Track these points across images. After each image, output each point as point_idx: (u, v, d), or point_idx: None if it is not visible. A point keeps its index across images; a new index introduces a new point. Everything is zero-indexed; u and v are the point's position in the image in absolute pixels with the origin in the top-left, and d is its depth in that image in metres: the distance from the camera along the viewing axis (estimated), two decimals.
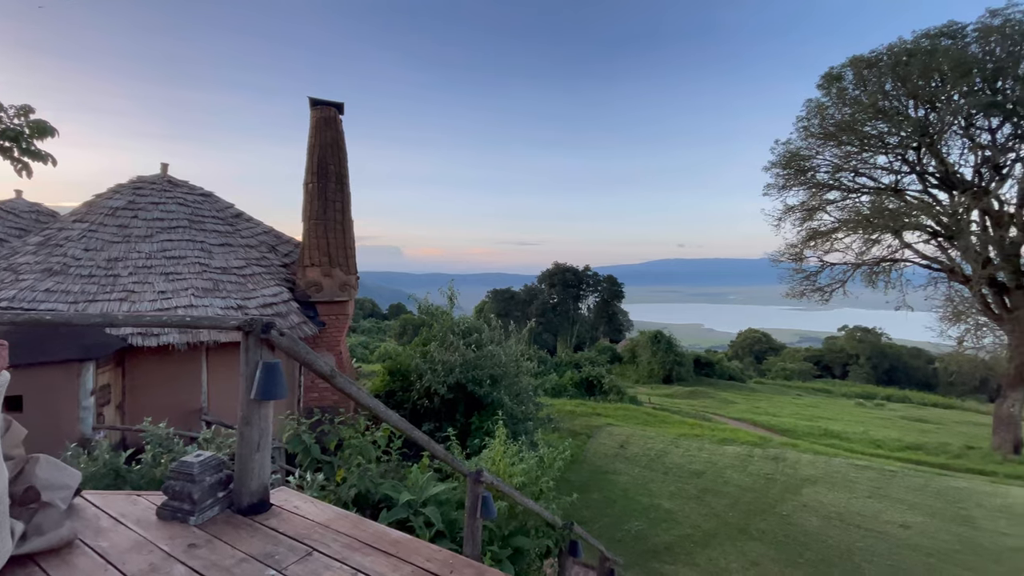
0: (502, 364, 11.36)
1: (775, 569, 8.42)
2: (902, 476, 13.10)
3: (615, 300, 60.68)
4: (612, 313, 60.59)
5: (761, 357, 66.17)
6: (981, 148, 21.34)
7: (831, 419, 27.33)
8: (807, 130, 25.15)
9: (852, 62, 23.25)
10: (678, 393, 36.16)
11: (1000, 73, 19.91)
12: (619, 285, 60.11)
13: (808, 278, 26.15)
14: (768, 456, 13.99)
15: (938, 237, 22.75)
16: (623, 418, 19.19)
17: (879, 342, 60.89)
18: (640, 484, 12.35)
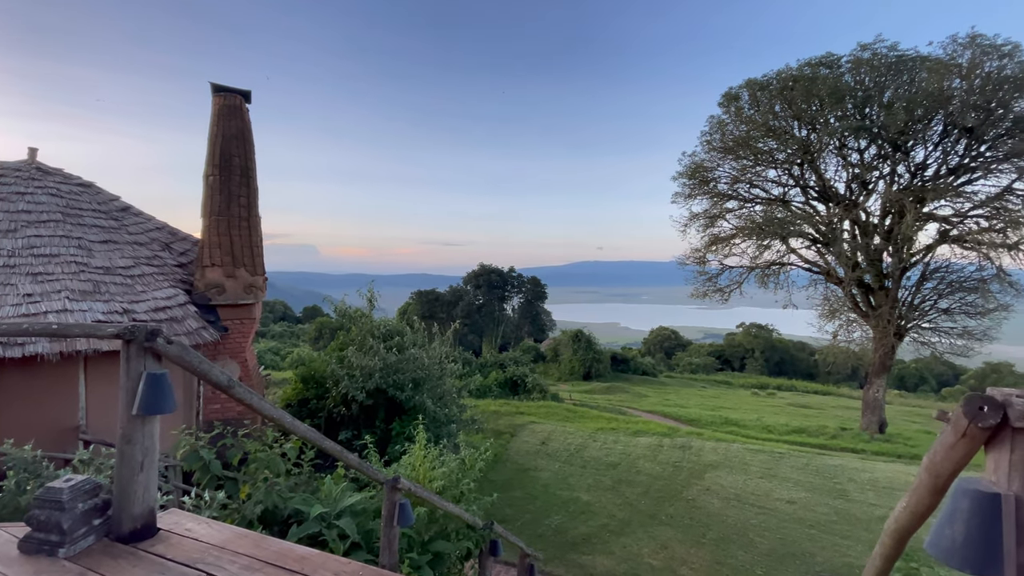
0: (425, 367, 11.19)
1: (682, 550, 9.07)
2: (789, 457, 14.65)
3: (539, 301, 62.07)
4: (536, 313, 61.90)
5: (671, 353, 70.85)
6: (851, 166, 24.48)
7: (731, 408, 29.92)
8: (709, 144, 27.40)
9: (747, 84, 25.66)
10: (597, 389, 37.75)
11: (868, 100, 22.95)
12: (542, 286, 61.58)
13: (710, 280, 28.48)
14: (676, 445, 15.04)
15: (817, 244, 25.76)
16: (545, 415, 19.67)
17: (771, 337, 67.58)
18: (560, 479, 12.73)
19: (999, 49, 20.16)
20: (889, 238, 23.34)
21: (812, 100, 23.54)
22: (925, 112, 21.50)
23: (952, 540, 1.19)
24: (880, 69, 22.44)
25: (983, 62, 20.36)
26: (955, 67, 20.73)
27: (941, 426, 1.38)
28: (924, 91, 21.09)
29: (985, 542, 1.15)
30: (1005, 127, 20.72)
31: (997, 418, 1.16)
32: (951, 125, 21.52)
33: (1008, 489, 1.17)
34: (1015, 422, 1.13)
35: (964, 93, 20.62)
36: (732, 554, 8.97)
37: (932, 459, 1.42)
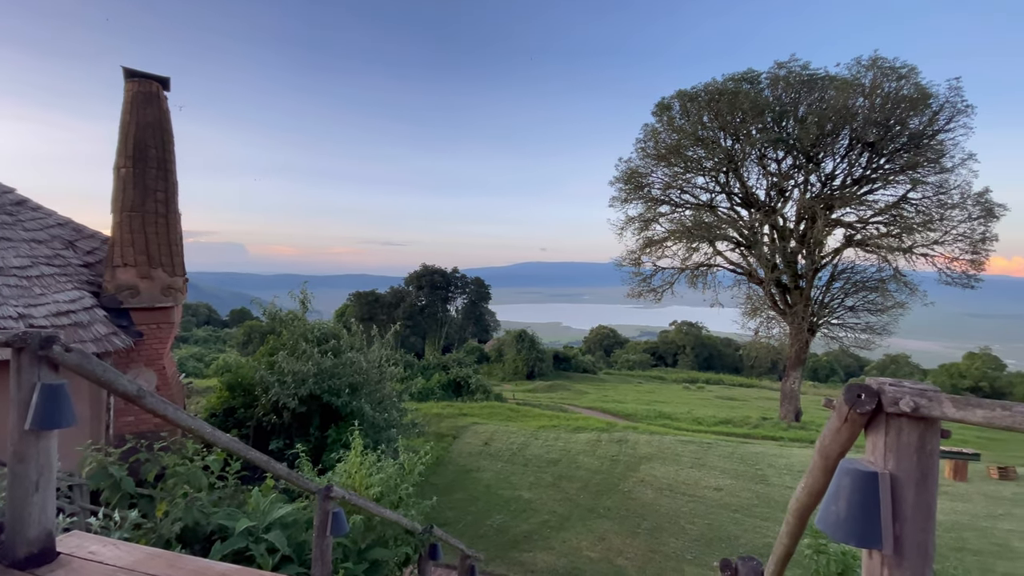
0: (363, 371, 10.87)
1: (619, 541, 9.41)
2: (716, 447, 15.59)
3: (483, 301, 62.06)
4: (480, 314, 61.86)
5: (610, 350, 73.25)
6: (770, 175, 26.45)
7: (664, 402, 31.39)
8: (644, 151, 28.63)
9: (679, 95, 27.05)
10: (539, 387, 38.33)
11: (784, 115, 24.88)
12: (486, 287, 61.62)
13: (645, 280, 29.78)
14: (614, 439, 15.58)
15: (740, 247, 27.61)
16: (488, 416, 19.71)
17: (700, 334, 71.57)
18: (503, 478, 12.81)
19: (897, 71, 22.53)
20: (803, 242, 25.45)
21: (736, 112, 25.21)
22: (833, 127, 23.63)
23: (837, 515, 1.33)
24: (795, 86, 24.42)
25: (883, 83, 22.68)
26: (859, 87, 22.95)
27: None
28: (832, 108, 23.18)
29: (865, 516, 1.30)
30: (901, 142, 23.21)
31: (872, 404, 1.30)
32: (855, 139, 23.80)
33: (884, 468, 1.32)
34: (888, 407, 1.28)
35: (867, 111, 22.87)
36: (665, 542, 9.42)
37: (822, 443, 1.57)
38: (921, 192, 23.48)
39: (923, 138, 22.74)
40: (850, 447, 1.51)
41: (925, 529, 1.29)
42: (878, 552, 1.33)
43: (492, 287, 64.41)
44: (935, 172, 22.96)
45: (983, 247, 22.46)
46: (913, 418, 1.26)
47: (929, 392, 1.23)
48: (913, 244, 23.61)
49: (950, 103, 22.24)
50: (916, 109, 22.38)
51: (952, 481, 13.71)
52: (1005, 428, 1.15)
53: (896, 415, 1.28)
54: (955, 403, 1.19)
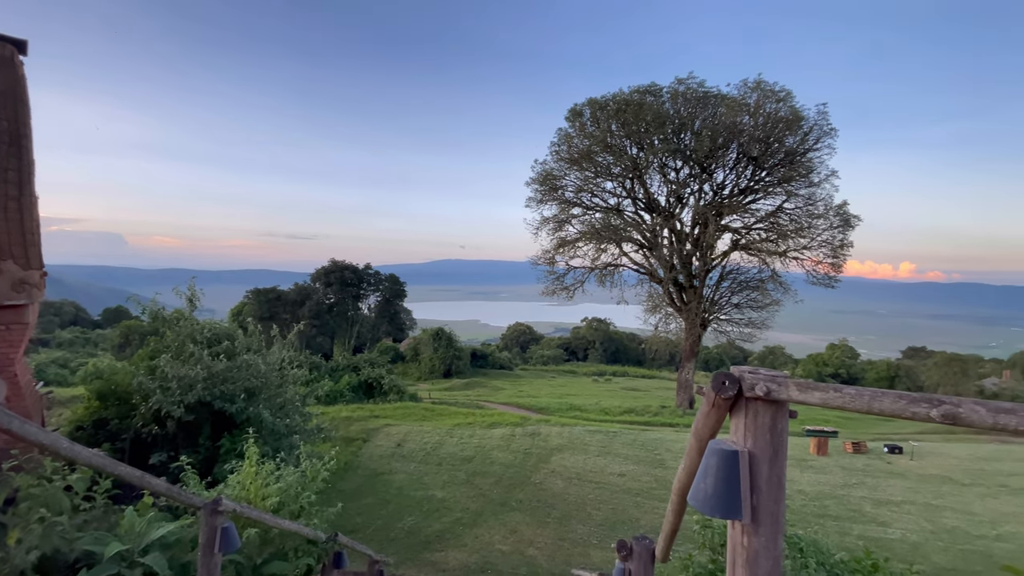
0: (261, 374, 10.11)
1: (529, 532, 9.67)
2: (621, 435, 16.57)
3: (398, 299, 60.36)
4: (395, 312, 60.11)
5: (526, 347, 74.92)
6: (670, 183, 28.55)
7: (575, 395, 32.76)
8: (558, 154, 29.61)
9: (589, 103, 28.29)
10: (456, 385, 38.18)
11: (683, 127, 26.96)
12: (401, 284, 60.00)
13: (558, 279, 30.87)
14: (527, 433, 15.97)
15: (643, 248, 29.54)
16: (402, 417, 19.27)
17: (608, 330, 75.58)
18: (415, 479, 12.60)
19: (776, 94, 25.34)
20: (697, 245, 27.83)
21: (641, 123, 26.91)
22: (724, 141, 26.08)
23: (705, 491, 1.48)
24: (692, 102, 26.60)
25: (765, 104, 25.40)
26: (745, 106, 25.52)
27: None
28: (723, 124, 25.57)
29: (728, 491, 1.46)
30: (779, 158, 26.16)
31: (734, 390, 1.47)
32: (742, 154, 26.45)
33: (744, 447, 1.49)
34: (747, 393, 1.45)
35: (751, 128, 25.50)
36: (573, 529, 9.84)
37: (696, 426, 1.74)
38: (794, 203, 26.72)
39: (796, 155, 25.85)
40: (719, 429, 1.68)
41: (777, 499, 1.48)
42: (739, 522, 1.50)
43: (408, 284, 62.92)
44: (805, 186, 26.23)
45: (842, 252, 26.07)
46: (766, 401, 1.44)
47: (778, 378, 1.42)
48: (787, 249, 26.79)
49: (818, 125, 25.51)
50: (791, 129, 25.38)
51: (816, 456, 15.75)
52: (837, 407, 1.36)
53: (753, 399, 1.45)
54: (798, 387, 1.38)
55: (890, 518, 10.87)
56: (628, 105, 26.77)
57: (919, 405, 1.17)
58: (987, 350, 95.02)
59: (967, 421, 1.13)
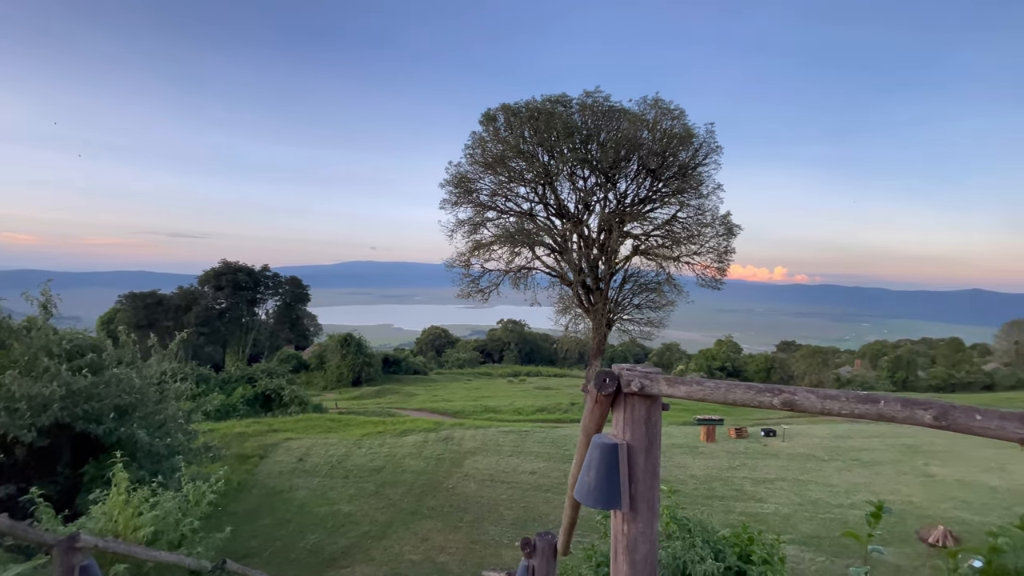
0: (136, 390, 8.97)
1: (441, 538, 9.55)
2: (533, 433, 16.95)
3: (300, 303, 56.70)
4: (297, 317, 56.39)
5: (441, 350, 74.04)
6: (579, 190, 29.81)
7: (490, 397, 32.99)
8: (472, 157, 29.68)
9: (503, 108, 28.72)
10: (367, 393, 36.71)
11: (590, 138, 28.27)
12: (304, 287, 56.41)
13: (473, 282, 30.91)
14: (440, 438, 15.77)
15: (555, 252, 30.54)
16: (304, 429, 18.12)
17: (523, 331, 77.16)
18: (319, 494, 11.91)
19: (672, 112, 27.47)
20: (603, 250, 29.34)
21: (552, 131, 27.81)
22: (626, 153, 27.77)
23: (588, 485, 1.56)
24: (598, 114, 28.02)
25: (662, 120, 27.43)
26: (645, 121, 27.38)
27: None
28: (625, 137, 27.23)
29: (609, 483, 1.55)
30: (674, 171, 28.36)
31: (614, 387, 1.56)
32: (642, 166, 28.34)
33: (623, 439, 1.59)
34: (625, 388, 1.55)
35: (650, 143, 27.41)
36: (485, 531, 9.88)
37: (584, 422, 1.83)
38: (686, 213, 29.13)
39: (688, 169, 28.22)
40: (603, 424, 1.78)
41: (652, 487, 1.59)
42: (619, 511, 1.60)
43: (314, 287, 59.45)
44: (696, 197, 28.74)
45: (726, 257, 28.89)
46: (641, 396, 1.55)
47: (651, 374, 1.53)
48: (680, 254, 29.16)
49: (707, 142, 28.06)
50: (684, 145, 27.68)
51: (705, 443, 17.27)
52: (699, 399, 1.49)
53: (630, 394, 1.55)
54: (668, 382, 1.50)
55: (766, 494, 12.22)
56: (540, 113, 27.55)
57: (764, 395, 1.33)
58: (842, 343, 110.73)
59: (801, 407, 1.30)
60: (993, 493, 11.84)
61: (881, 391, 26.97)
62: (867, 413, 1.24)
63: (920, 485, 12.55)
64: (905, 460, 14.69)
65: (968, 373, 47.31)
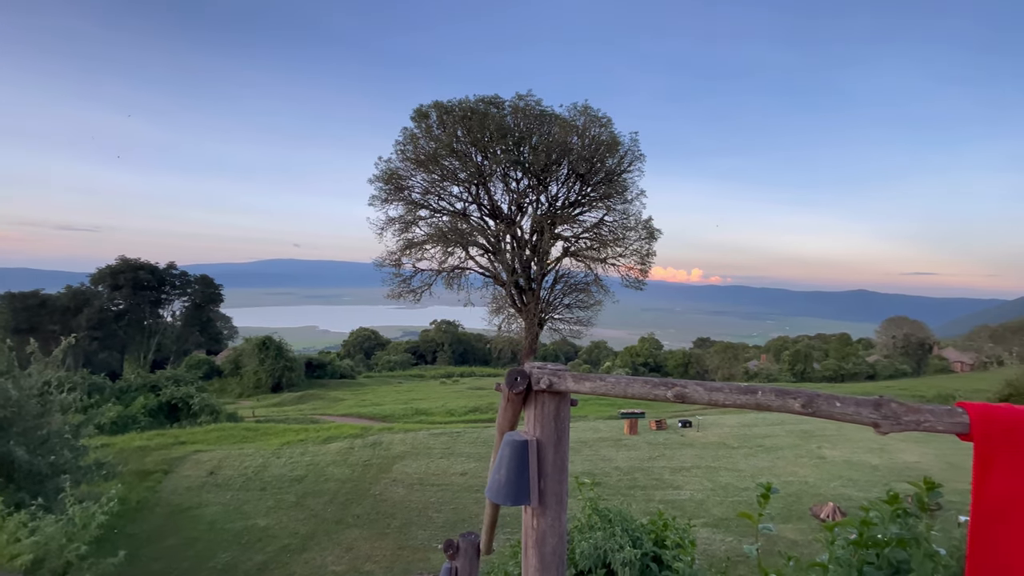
0: (12, 402, 7.92)
1: (367, 547, 9.25)
2: (465, 434, 16.88)
3: (212, 304, 52.51)
4: (208, 320, 52.16)
5: (370, 353, 71.69)
6: (512, 192, 30.12)
7: (422, 399, 32.43)
8: (403, 154, 29.04)
9: (436, 105, 28.37)
10: (288, 400, 34.77)
11: (522, 141, 28.63)
12: (216, 287, 52.29)
13: (405, 281, 30.26)
14: (367, 444, 15.27)
15: (488, 253, 30.65)
16: (216, 441, 16.83)
17: (457, 331, 76.61)
18: (233, 509, 11.11)
19: (600, 119, 28.48)
20: (535, 251, 29.87)
21: (485, 132, 27.89)
22: (557, 158, 28.44)
23: (499, 482, 1.58)
24: (530, 118, 28.48)
25: (590, 127, 28.38)
26: (574, 127, 28.20)
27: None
28: (556, 141, 27.89)
29: (519, 479, 1.58)
30: (601, 177, 29.45)
31: (524, 385, 1.59)
32: (572, 170, 29.16)
33: (533, 435, 1.63)
34: (535, 386, 1.59)
35: (579, 148, 28.27)
36: (413, 535, 9.70)
37: (498, 421, 1.85)
38: (612, 217, 30.40)
39: (615, 175, 29.44)
40: (516, 422, 1.81)
41: (560, 481, 1.65)
42: (529, 507, 1.64)
43: (229, 287, 55.36)
44: (621, 202, 30.05)
45: (648, 260, 30.45)
46: (550, 393, 1.60)
47: (559, 372, 1.58)
48: (607, 256, 30.36)
49: (631, 151, 29.41)
50: (611, 152, 28.83)
51: (629, 436, 18.09)
52: (602, 394, 1.56)
53: (540, 392, 1.59)
54: (574, 378, 1.56)
55: (683, 482, 13.02)
56: (474, 113, 27.52)
57: (659, 388, 1.42)
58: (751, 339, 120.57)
59: (692, 399, 1.40)
60: (875, 471, 13.41)
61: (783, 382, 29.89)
62: (747, 403, 1.35)
63: (814, 467, 13.94)
64: (802, 444, 16.25)
65: (855, 364, 53.26)
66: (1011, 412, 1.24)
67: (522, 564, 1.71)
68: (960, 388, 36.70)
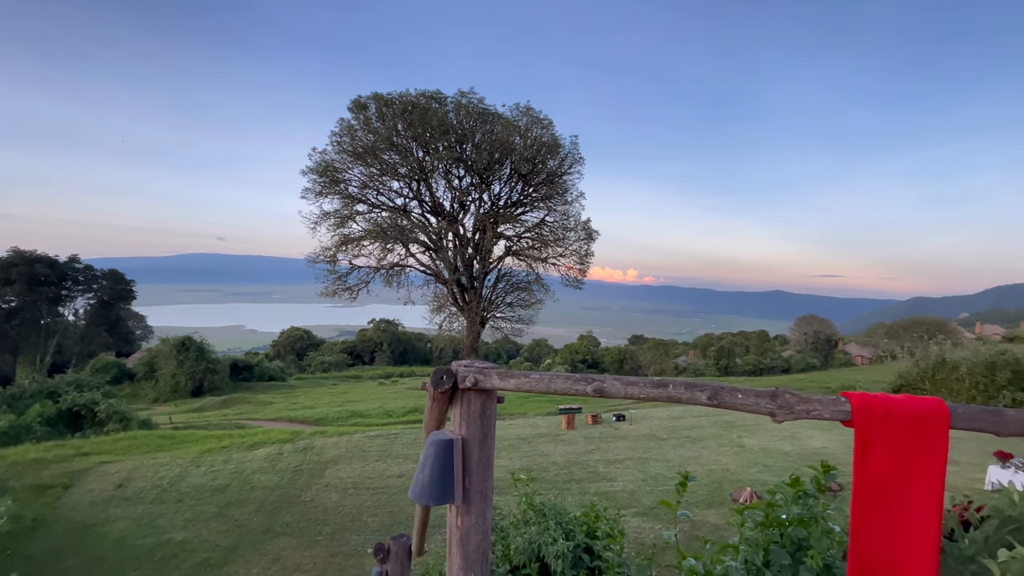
0: None
1: (296, 556, 8.83)
2: (403, 436, 16.54)
3: (122, 301, 48.04)
4: (117, 319, 47.69)
5: (303, 354, 68.54)
6: (454, 189, 29.85)
7: (358, 401, 31.44)
8: (340, 146, 27.95)
9: (375, 97, 27.55)
10: (210, 405, 32.49)
11: (465, 138, 28.42)
12: (127, 283, 47.84)
13: (340, 278, 29.16)
14: (298, 449, 14.58)
15: (429, 250, 30.21)
16: (126, 450, 15.42)
17: (397, 331, 74.94)
18: (145, 524, 10.23)
19: (541, 121, 28.82)
20: (477, 249, 29.80)
21: (427, 127, 27.43)
22: (500, 157, 28.51)
23: (422, 483, 1.55)
24: (473, 115, 28.33)
25: (533, 128, 28.66)
26: (517, 128, 28.38)
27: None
28: (499, 141, 27.94)
29: (443, 479, 1.56)
30: (542, 178, 29.85)
31: (450, 383, 1.58)
32: (514, 170, 29.34)
33: (459, 434, 1.62)
34: (461, 384, 1.58)
35: (522, 148, 28.49)
36: (346, 541, 9.38)
37: (425, 421, 1.83)
38: (553, 217, 30.93)
39: (556, 177, 29.97)
40: (443, 421, 1.80)
41: (485, 478, 1.65)
42: (454, 505, 1.63)
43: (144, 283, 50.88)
44: (562, 203, 30.65)
45: (587, 260, 31.29)
46: (476, 391, 1.60)
47: (485, 369, 1.58)
48: (548, 256, 30.88)
49: (571, 153, 30.05)
50: (552, 153, 29.30)
51: (566, 431, 18.51)
52: (527, 391, 1.58)
53: (466, 390, 1.59)
54: (499, 376, 1.57)
55: (616, 474, 13.50)
56: (415, 107, 26.97)
57: (579, 384, 1.46)
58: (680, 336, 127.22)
59: (610, 393, 1.45)
60: (787, 457, 14.54)
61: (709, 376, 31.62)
62: (659, 396, 1.42)
63: (735, 455, 14.92)
64: (724, 434, 17.35)
65: (772, 359, 57.61)
66: (886, 400, 1.39)
67: (447, 563, 1.70)
68: (860, 380, 40.74)
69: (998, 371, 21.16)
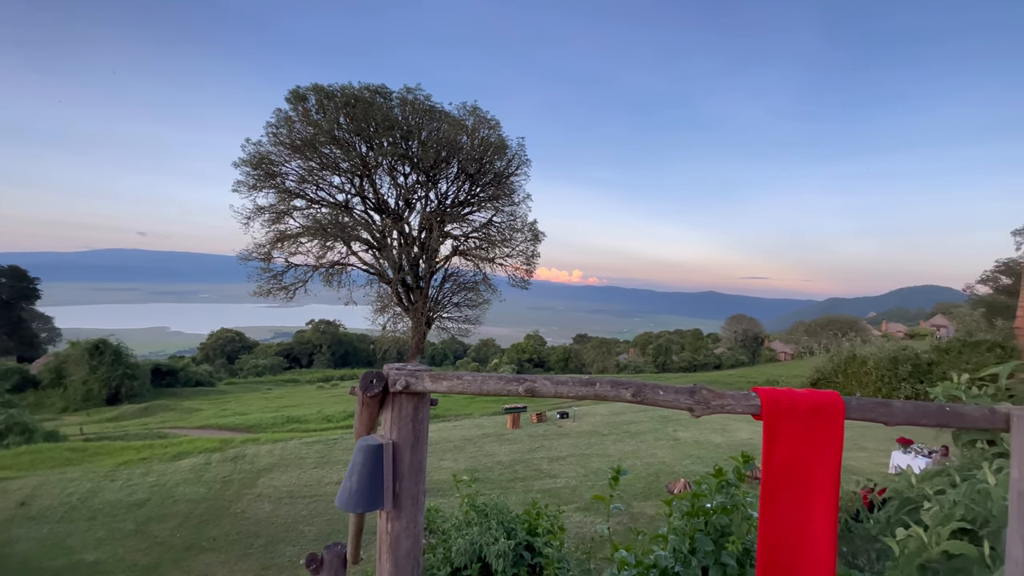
0: None
1: (223, 572, 8.31)
2: (342, 441, 15.98)
3: (25, 301, 43.31)
4: (19, 320, 42.95)
5: (234, 357, 64.71)
6: (399, 187, 29.20)
7: (295, 406, 30.08)
8: (276, 137, 26.58)
9: (315, 88, 26.42)
10: (128, 413, 29.95)
11: (411, 135, 27.84)
12: (31, 280, 43.19)
13: (275, 277, 27.73)
14: (227, 458, 13.73)
15: (373, 248, 29.39)
16: (30, 465, 13.92)
17: (338, 332, 72.36)
18: (52, 544, 9.27)
19: (488, 121, 28.77)
20: (423, 248, 29.34)
21: (370, 122, 26.66)
22: (447, 155, 28.20)
23: (349, 490, 1.51)
24: (419, 112, 27.84)
25: (480, 128, 28.56)
26: (464, 127, 28.19)
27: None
28: (446, 139, 27.63)
29: (372, 484, 1.53)
30: (490, 178, 29.83)
31: (380, 387, 1.55)
32: (461, 169, 29.13)
33: (390, 438, 1.59)
34: (392, 388, 1.55)
35: (469, 148, 28.33)
36: (280, 552, 8.95)
37: (355, 426, 1.78)
38: (500, 218, 31.01)
39: (503, 177, 30.05)
40: (374, 426, 1.75)
41: (417, 482, 1.63)
42: (384, 511, 1.60)
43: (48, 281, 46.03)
44: (509, 204, 30.78)
45: (533, 260, 31.63)
46: (408, 394, 1.57)
47: (417, 372, 1.56)
48: (495, 256, 30.93)
49: (519, 155, 30.24)
50: (499, 154, 29.36)
51: (511, 430, 18.63)
52: (460, 392, 1.58)
53: (397, 393, 1.56)
54: (432, 378, 1.55)
55: (559, 470, 13.75)
56: (358, 101, 26.10)
57: (511, 384, 1.47)
58: (621, 334, 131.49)
59: (540, 393, 1.47)
60: (718, 449, 15.39)
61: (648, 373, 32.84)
62: (587, 394, 1.46)
63: (670, 448, 15.61)
64: (660, 429, 18.11)
65: (705, 356, 60.81)
66: (790, 395, 1.51)
67: (376, 569, 1.66)
68: (783, 375, 43.84)
69: (900, 365, 23.50)
